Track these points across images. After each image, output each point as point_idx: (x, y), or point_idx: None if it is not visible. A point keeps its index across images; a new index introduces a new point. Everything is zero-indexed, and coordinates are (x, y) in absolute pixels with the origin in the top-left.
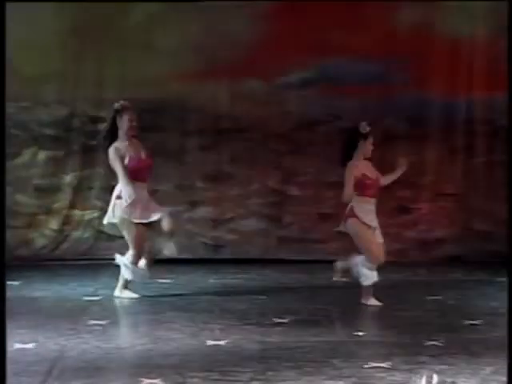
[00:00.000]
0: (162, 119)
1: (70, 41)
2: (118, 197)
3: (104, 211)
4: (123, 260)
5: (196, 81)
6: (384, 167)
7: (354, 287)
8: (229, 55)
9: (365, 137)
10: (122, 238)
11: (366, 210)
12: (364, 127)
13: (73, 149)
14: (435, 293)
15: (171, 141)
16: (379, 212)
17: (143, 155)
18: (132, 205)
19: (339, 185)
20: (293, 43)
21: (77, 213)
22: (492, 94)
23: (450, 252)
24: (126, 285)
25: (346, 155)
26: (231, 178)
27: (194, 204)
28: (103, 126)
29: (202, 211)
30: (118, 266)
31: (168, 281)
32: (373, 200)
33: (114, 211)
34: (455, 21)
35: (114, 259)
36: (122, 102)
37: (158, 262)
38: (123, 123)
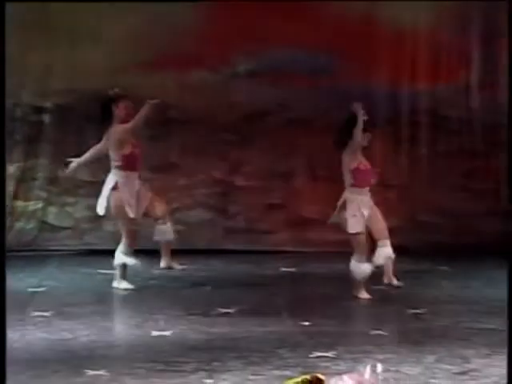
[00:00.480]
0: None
1: (16, 31)
2: (114, 187)
3: (48, 202)
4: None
5: (143, 71)
6: (330, 158)
7: (300, 278)
8: (176, 46)
9: (356, 123)
10: (67, 229)
11: (358, 204)
12: (358, 108)
13: (16, 139)
14: (380, 282)
15: None
16: (325, 202)
17: (135, 143)
18: (125, 195)
19: (287, 175)
20: (240, 34)
21: (20, 204)
22: (435, 85)
23: (393, 242)
24: (124, 275)
25: (341, 140)
26: (178, 168)
27: None
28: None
29: None
30: (62, 257)
31: (112, 272)
32: (366, 189)
33: (108, 201)
34: (399, 12)
35: (57, 250)
36: (116, 89)
37: (100, 253)
38: (120, 111)
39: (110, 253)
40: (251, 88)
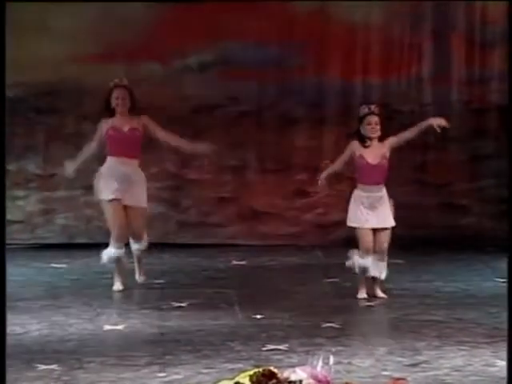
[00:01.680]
0: (58, 102)
1: None
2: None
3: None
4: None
5: (93, 63)
6: (281, 151)
7: (252, 271)
8: (126, 38)
9: (360, 119)
10: (18, 222)
11: (360, 201)
12: (362, 110)
13: None
14: (332, 275)
15: (68, 124)
16: (277, 195)
17: (127, 129)
18: (106, 181)
19: (238, 168)
20: (190, 26)
21: None
22: (387, 79)
23: (346, 235)
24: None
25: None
26: None
27: (91, 188)
28: None
29: None
30: (13, 251)
31: (64, 265)
32: (373, 187)
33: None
34: (352, 6)
35: (9, 244)
36: (116, 80)
37: (52, 247)
38: (112, 101)
39: (62, 247)
40: (202, 81)
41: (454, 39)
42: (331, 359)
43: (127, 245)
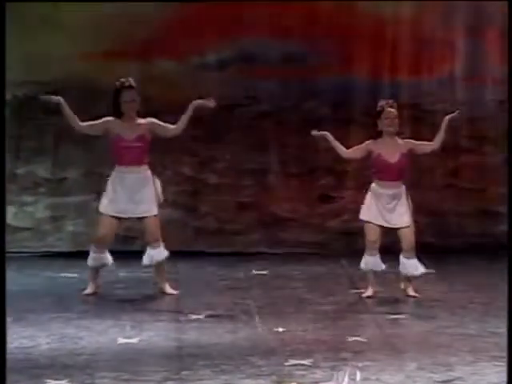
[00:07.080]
0: (69, 102)
1: None
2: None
3: (9, 202)
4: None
5: (106, 61)
6: (305, 154)
7: (274, 281)
8: (139, 34)
9: (378, 114)
10: (27, 229)
11: (376, 197)
12: (379, 104)
13: None
14: (358, 285)
15: None
16: (300, 201)
17: (133, 137)
18: (111, 193)
19: (258, 172)
20: (209, 22)
21: None
22: (417, 77)
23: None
24: (94, 276)
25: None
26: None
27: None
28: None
29: None
30: (22, 260)
31: (75, 275)
32: (391, 183)
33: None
34: (381, 1)
35: (17, 252)
36: (122, 79)
37: (62, 255)
38: (121, 104)
39: (73, 255)
40: (221, 79)
41: (488, 35)
42: (358, 375)
43: (140, 254)
